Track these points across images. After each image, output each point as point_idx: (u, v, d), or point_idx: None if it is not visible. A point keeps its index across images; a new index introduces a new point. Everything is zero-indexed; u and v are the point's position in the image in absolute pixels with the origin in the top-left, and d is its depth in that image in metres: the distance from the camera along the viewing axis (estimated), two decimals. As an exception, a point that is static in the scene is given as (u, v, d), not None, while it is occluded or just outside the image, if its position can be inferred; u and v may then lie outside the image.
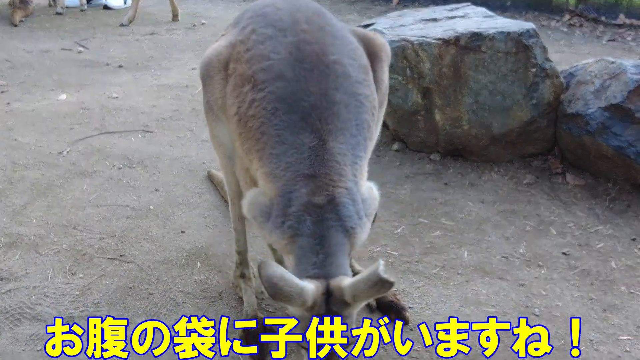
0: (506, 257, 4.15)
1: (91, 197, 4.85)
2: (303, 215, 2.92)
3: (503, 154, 5.28)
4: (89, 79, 7.46)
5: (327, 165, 3.01)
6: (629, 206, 4.66)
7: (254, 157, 3.16)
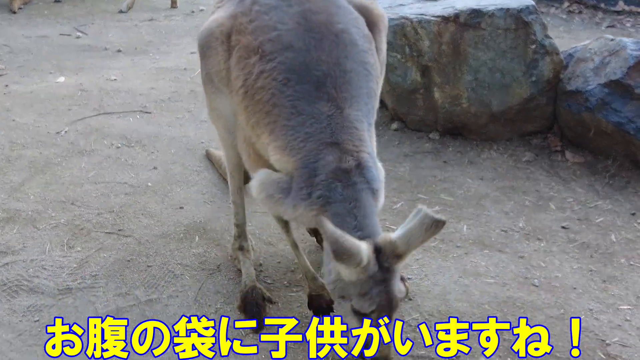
0: (505, 231, 4.14)
1: (89, 174, 4.83)
2: (333, 182, 2.91)
3: (502, 132, 5.26)
4: (88, 63, 7.43)
5: (348, 132, 3.00)
6: (628, 182, 4.65)
7: (264, 130, 3.13)
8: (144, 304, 3.55)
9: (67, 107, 6.02)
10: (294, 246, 3.51)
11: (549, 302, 3.51)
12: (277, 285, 3.69)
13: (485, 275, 3.72)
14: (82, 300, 3.57)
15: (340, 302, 2.89)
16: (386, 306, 2.79)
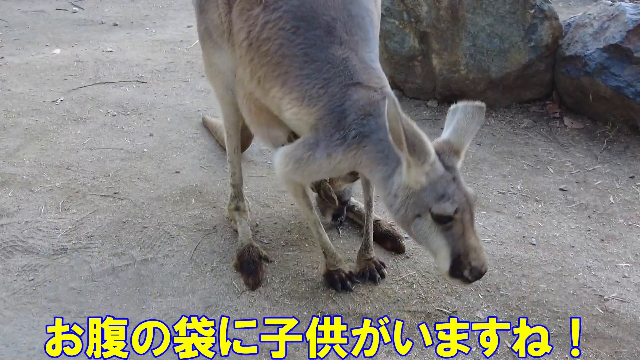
0: (503, 193, 4.11)
1: (85, 141, 4.80)
2: (364, 118, 2.85)
3: (501, 100, 5.23)
4: (84, 37, 7.38)
5: (366, 72, 2.95)
6: (627, 147, 4.62)
7: (274, 84, 3.06)
8: (139, 263, 3.53)
9: (62, 77, 5.98)
10: (317, 224, 3.37)
11: (546, 259, 3.49)
12: (274, 245, 3.67)
13: (483, 235, 3.69)
14: (77, 260, 3.55)
15: (417, 223, 2.75)
16: (466, 202, 2.70)
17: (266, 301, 3.27)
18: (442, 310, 3.18)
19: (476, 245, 2.72)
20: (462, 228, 2.69)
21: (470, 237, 2.70)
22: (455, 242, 2.70)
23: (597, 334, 3.03)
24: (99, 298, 3.30)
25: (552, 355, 2.90)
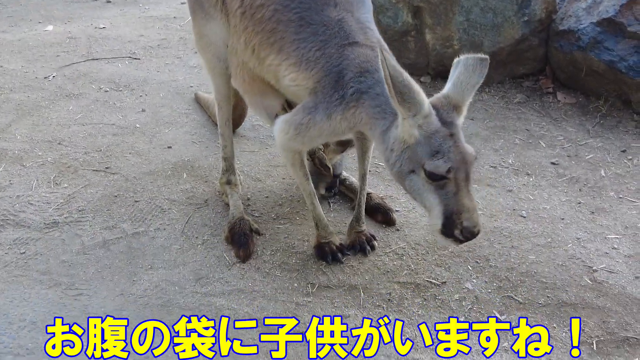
0: (494, 167, 4.12)
1: (77, 116, 4.79)
2: (362, 75, 2.84)
3: (494, 75, 5.21)
4: (77, 14, 7.33)
5: (363, 32, 2.95)
6: (619, 122, 4.62)
7: (270, 51, 3.05)
8: (130, 236, 3.54)
9: (55, 53, 5.94)
10: (312, 195, 3.37)
11: (536, 231, 3.50)
12: (265, 218, 3.68)
13: (474, 208, 3.70)
14: (69, 233, 3.56)
15: (412, 179, 2.70)
16: (461, 161, 2.61)
17: (257, 273, 3.29)
18: (431, 282, 3.20)
19: (470, 205, 2.63)
20: (456, 187, 2.61)
21: (463, 197, 2.62)
22: (448, 200, 2.62)
23: (586, 304, 3.05)
24: (90, 270, 3.31)
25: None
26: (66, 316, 3.02)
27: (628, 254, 3.34)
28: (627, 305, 3.04)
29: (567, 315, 3.00)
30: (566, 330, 2.94)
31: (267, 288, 3.20)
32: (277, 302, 3.11)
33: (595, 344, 2.87)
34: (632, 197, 3.80)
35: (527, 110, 4.83)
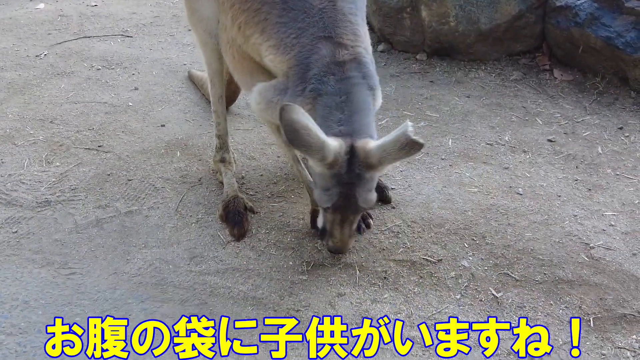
0: (491, 144, 4.08)
1: (69, 94, 4.73)
2: (325, 75, 2.82)
3: (490, 52, 5.17)
4: (68, -8, 7.24)
5: (342, 25, 2.90)
6: (616, 99, 4.58)
7: (254, 30, 3.02)
8: (124, 215, 3.51)
9: (46, 31, 5.88)
10: (295, 160, 3.37)
11: (532, 208, 3.48)
12: (259, 197, 3.65)
13: (469, 185, 3.68)
14: (61, 212, 3.53)
15: (314, 188, 2.93)
16: (342, 207, 2.83)
17: (252, 252, 3.26)
18: (427, 259, 3.18)
19: (337, 234, 2.94)
20: (332, 219, 2.90)
21: (335, 228, 2.92)
22: (326, 220, 2.95)
23: (582, 281, 3.03)
24: (83, 249, 3.28)
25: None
26: (59, 295, 2.99)
27: (625, 231, 3.32)
28: (624, 282, 3.02)
29: (564, 293, 2.98)
30: (563, 307, 2.93)
31: (261, 266, 3.17)
32: (272, 281, 3.08)
33: (592, 321, 2.86)
34: (629, 174, 3.77)
35: (524, 88, 4.79)
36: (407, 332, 2.82)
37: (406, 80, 4.97)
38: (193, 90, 4.84)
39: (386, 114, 4.44)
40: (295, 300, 2.98)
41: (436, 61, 5.23)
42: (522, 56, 5.15)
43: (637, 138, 4.10)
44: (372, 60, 3.01)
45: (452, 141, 4.11)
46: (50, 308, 2.93)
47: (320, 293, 3.02)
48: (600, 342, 2.77)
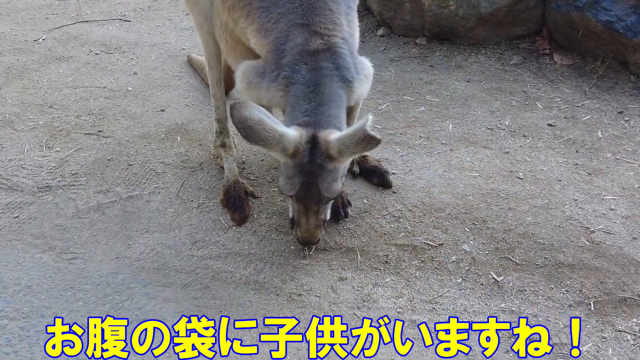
0: (491, 129, 4.08)
1: (68, 79, 4.72)
2: (298, 64, 2.84)
3: (490, 36, 5.15)
4: (65, -25, 7.20)
5: (321, 13, 2.90)
6: (616, 83, 4.58)
7: (241, 14, 3.03)
8: (125, 200, 3.51)
9: (44, 16, 5.85)
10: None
11: (533, 193, 3.49)
12: (260, 182, 3.65)
13: (470, 170, 3.68)
14: (62, 197, 3.53)
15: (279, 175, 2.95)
16: (305, 197, 2.87)
17: (253, 236, 3.27)
18: (428, 244, 3.19)
19: (303, 224, 2.96)
20: (297, 207, 2.94)
21: (300, 217, 2.94)
22: (293, 210, 2.99)
23: (583, 265, 3.05)
24: (84, 234, 3.29)
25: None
26: (61, 280, 3.00)
27: (625, 215, 3.33)
28: (625, 266, 3.04)
29: (565, 276, 3.00)
30: (563, 291, 2.94)
31: (263, 251, 3.18)
32: (274, 265, 3.09)
33: (592, 304, 2.87)
34: (629, 158, 3.78)
35: (524, 72, 4.78)
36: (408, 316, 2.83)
37: (406, 64, 4.96)
38: (192, 74, 4.83)
39: (386, 99, 4.44)
40: (297, 285, 2.99)
41: (436, 45, 5.22)
42: (522, 40, 5.14)
43: (637, 122, 4.11)
44: (352, 51, 3.00)
45: (452, 126, 4.11)
46: (53, 293, 2.93)
47: (321, 277, 3.04)
48: (601, 325, 2.78)
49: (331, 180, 2.85)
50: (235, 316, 2.81)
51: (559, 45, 5.02)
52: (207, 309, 2.87)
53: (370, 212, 3.38)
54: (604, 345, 2.70)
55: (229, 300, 2.92)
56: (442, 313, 2.86)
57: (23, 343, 2.69)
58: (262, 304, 2.90)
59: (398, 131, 4.05)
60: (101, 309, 2.86)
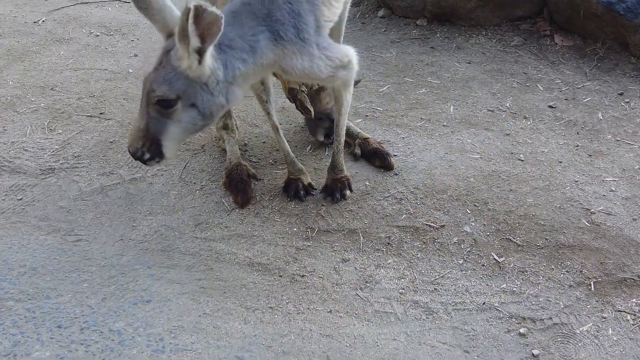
0: (492, 111, 4.09)
1: (68, 61, 4.71)
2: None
3: (491, 18, 5.14)
4: (63, -44, 7.16)
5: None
6: (617, 64, 4.58)
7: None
8: (128, 182, 3.53)
9: (43, -3, 5.82)
10: (275, 129, 3.42)
11: (534, 174, 3.51)
12: (263, 164, 3.67)
13: (471, 152, 3.70)
14: (66, 179, 3.55)
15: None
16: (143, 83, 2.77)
17: (256, 218, 3.29)
18: (430, 225, 3.21)
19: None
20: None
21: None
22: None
23: (583, 246, 3.07)
24: (88, 216, 3.31)
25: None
26: (66, 262, 3.03)
27: (625, 196, 3.36)
28: (625, 246, 3.07)
29: (565, 257, 3.02)
30: (564, 272, 2.97)
31: (266, 233, 3.21)
32: (277, 247, 3.12)
33: (592, 285, 2.91)
34: (630, 139, 3.80)
35: (525, 54, 4.78)
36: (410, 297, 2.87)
37: (407, 46, 4.95)
38: (193, 56, 4.81)
39: (387, 81, 4.44)
40: (300, 266, 3.02)
41: (436, 27, 5.21)
42: (522, 22, 5.13)
43: (637, 104, 4.12)
44: (320, 25, 2.90)
45: (453, 108, 4.12)
46: (58, 274, 2.96)
47: (324, 259, 3.06)
48: (601, 305, 2.82)
49: (165, 75, 2.67)
50: (239, 297, 2.84)
51: (559, 27, 5.01)
52: (212, 290, 2.90)
53: (372, 194, 3.39)
54: (603, 325, 2.74)
55: (232, 281, 2.95)
56: (443, 294, 2.89)
57: (29, 324, 2.72)
58: (265, 285, 2.93)
59: (399, 113, 4.06)
60: (106, 290, 2.89)
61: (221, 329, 2.73)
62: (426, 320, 2.78)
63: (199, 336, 2.70)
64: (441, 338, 2.72)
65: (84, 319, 2.75)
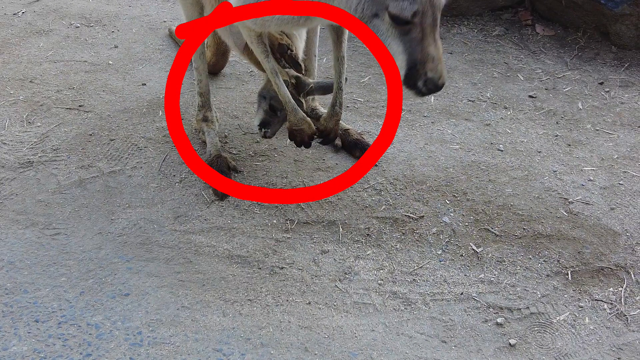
0: (472, 101, 4.10)
1: (48, 53, 4.67)
2: None
3: (473, 7, 5.14)
4: (44, -53, 7.09)
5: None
6: (597, 54, 4.59)
7: None
8: (107, 175, 3.51)
9: (22, -12, 5.76)
10: (274, 73, 3.12)
11: (513, 164, 3.52)
12: (243, 156, 3.66)
13: (451, 142, 3.71)
14: (44, 173, 3.52)
15: (375, 24, 2.45)
16: (429, 5, 2.40)
17: (235, 210, 3.29)
18: (409, 216, 3.22)
19: (435, 54, 2.44)
20: (422, 34, 2.41)
21: (429, 44, 2.42)
22: (413, 48, 2.42)
23: (561, 236, 3.09)
24: (67, 210, 3.29)
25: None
26: (44, 255, 3.02)
27: (603, 186, 3.38)
28: (602, 236, 3.09)
29: (543, 247, 3.05)
30: (541, 261, 2.99)
31: (246, 225, 3.20)
32: (257, 239, 3.12)
33: (570, 274, 2.93)
34: (609, 129, 3.82)
35: (506, 43, 4.79)
36: (389, 287, 2.88)
37: (388, 36, 4.93)
38: (174, 47, 4.79)
39: (368, 71, 4.43)
40: (279, 258, 3.03)
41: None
42: (504, 11, 5.13)
43: (617, 93, 4.13)
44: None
45: (434, 98, 4.12)
46: (36, 268, 2.95)
47: (304, 250, 3.07)
48: (578, 295, 2.84)
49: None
50: (218, 290, 2.84)
51: (541, 16, 5.02)
52: (190, 283, 2.89)
53: (352, 185, 3.39)
54: (580, 315, 2.76)
55: (211, 274, 2.95)
56: (422, 284, 2.90)
57: (7, 319, 2.71)
58: (244, 278, 2.93)
59: (380, 104, 4.05)
60: (84, 284, 2.88)
61: (200, 321, 2.73)
62: (404, 311, 2.79)
63: (177, 329, 2.70)
64: (419, 328, 2.73)
65: (61, 313, 2.75)
